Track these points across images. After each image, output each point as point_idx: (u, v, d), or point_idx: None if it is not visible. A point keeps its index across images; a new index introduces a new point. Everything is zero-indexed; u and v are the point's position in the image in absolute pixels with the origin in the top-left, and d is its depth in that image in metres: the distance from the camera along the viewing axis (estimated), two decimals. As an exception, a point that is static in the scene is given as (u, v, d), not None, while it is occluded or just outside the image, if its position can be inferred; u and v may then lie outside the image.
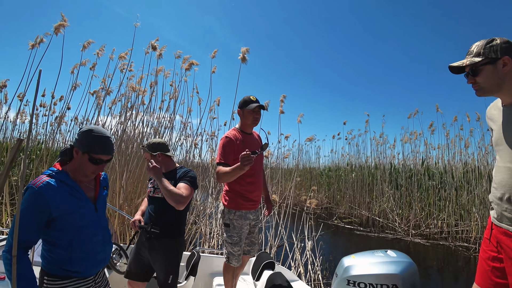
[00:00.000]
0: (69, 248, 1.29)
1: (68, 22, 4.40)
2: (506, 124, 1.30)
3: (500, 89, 1.29)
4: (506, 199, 1.26)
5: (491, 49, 1.26)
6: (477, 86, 1.32)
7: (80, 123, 6.72)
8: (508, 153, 1.26)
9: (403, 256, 1.83)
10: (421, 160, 9.27)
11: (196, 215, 5.54)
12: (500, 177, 1.30)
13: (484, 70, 1.28)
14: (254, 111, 2.31)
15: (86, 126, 1.35)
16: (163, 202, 1.99)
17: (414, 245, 6.37)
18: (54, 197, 1.22)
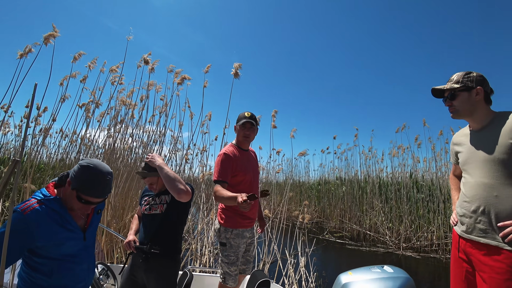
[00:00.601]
0: (50, 275, 1.22)
1: (59, 33, 4.34)
2: (475, 145, 1.50)
3: (471, 114, 1.51)
4: (481, 211, 1.42)
5: (468, 79, 1.50)
6: (453, 109, 1.54)
7: (65, 136, 6.56)
8: (479, 170, 1.45)
9: (400, 272, 1.83)
10: (409, 173, 9.44)
11: (186, 232, 5.41)
12: (473, 192, 1.47)
13: (460, 96, 1.51)
14: (245, 127, 2.28)
15: (87, 160, 1.26)
16: (161, 219, 1.93)
17: (406, 258, 6.37)
18: (41, 227, 1.15)
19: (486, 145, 1.45)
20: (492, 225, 1.39)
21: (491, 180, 1.40)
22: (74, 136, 6.12)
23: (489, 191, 1.40)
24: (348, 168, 11.36)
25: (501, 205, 1.36)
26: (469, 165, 1.52)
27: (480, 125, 1.51)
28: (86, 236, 1.35)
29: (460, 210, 1.57)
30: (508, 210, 1.34)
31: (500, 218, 1.36)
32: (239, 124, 2.28)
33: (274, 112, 5.58)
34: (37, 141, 6.35)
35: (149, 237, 1.93)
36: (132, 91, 5.56)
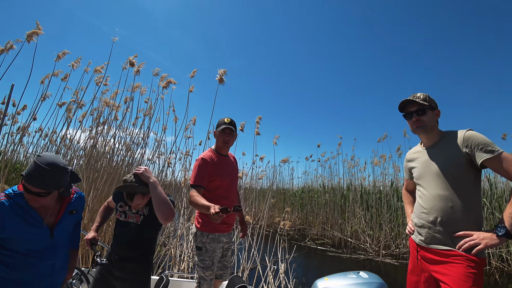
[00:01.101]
0: (12, 267, 1.24)
1: (42, 31, 4.24)
2: (428, 161, 1.64)
3: (431, 131, 1.66)
4: (439, 221, 1.53)
5: (431, 101, 1.67)
6: (421, 123, 1.66)
7: (45, 135, 6.36)
8: (434, 183, 1.58)
9: (375, 277, 1.87)
10: (390, 182, 9.67)
11: (166, 237, 5.31)
12: (431, 204, 1.58)
13: (428, 113, 1.65)
14: (224, 132, 2.29)
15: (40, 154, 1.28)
16: (137, 230, 1.89)
17: (385, 265, 6.49)
18: (6, 219, 1.20)
19: (439, 160, 1.59)
20: (449, 234, 1.51)
21: (446, 192, 1.52)
22: (54, 135, 5.95)
23: (445, 202, 1.52)
24: (331, 176, 11.53)
25: (455, 215, 1.49)
26: (424, 178, 1.65)
27: (432, 142, 1.67)
28: (54, 234, 1.35)
29: (418, 221, 1.68)
30: (461, 219, 1.48)
31: (456, 227, 1.49)
32: (218, 130, 2.29)
33: (258, 118, 5.63)
34: (13, 139, 6.13)
35: (122, 245, 1.90)
36: (116, 92, 5.48)
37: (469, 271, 1.39)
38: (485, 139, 1.46)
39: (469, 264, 1.40)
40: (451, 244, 1.49)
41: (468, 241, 1.41)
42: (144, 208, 1.93)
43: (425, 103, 1.64)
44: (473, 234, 1.42)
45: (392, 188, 9.20)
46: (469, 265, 1.40)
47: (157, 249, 4.75)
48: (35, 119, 5.49)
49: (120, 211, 1.94)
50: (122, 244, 1.91)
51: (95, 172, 4.75)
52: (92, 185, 4.40)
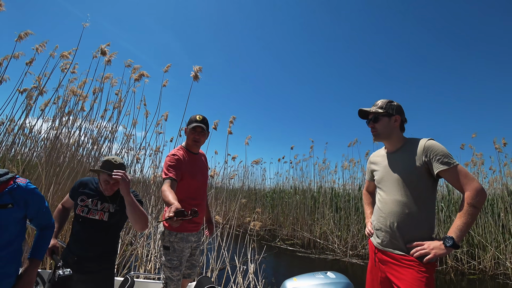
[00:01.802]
0: None
1: (4, 7, 3.88)
2: (389, 166, 1.69)
3: (389, 138, 1.70)
4: (396, 226, 1.58)
5: (390, 107, 1.69)
6: (375, 131, 1.72)
7: (1, 123, 5.86)
8: (393, 188, 1.62)
9: (342, 277, 1.91)
10: (358, 185, 10.02)
11: (133, 235, 5.10)
12: (389, 208, 1.63)
13: (382, 120, 1.69)
14: (195, 131, 2.20)
15: None
16: (100, 227, 1.78)
17: (352, 265, 6.69)
18: None
19: (398, 166, 1.64)
20: (403, 239, 1.58)
21: (404, 198, 1.58)
22: (13, 124, 5.50)
23: (402, 208, 1.58)
24: (303, 178, 11.73)
25: (410, 221, 1.56)
26: (384, 183, 1.70)
27: (394, 148, 1.71)
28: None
29: (376, 224, 1.74)
30: (416, 226, 1.55)
31: (410, 233, 1.56)
32: (189, 127, 2.20)
33: (232, 118, 5.58)
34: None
35: (82, 243, 1.78)
36: (85, 81, 5.16)
37: (421, 275, 1.47)
38: (444, 150, 1.52)
39: (420, 269, 1.48)
40: (405, 249, 1.56)
41: (419, 249, 1.49)
42: (110, 206, 1.83)
43: (379, 111, 1.68)
44: (424, 244, 1.49)
45: (360, 192, 9.54)
46: (420, 269, 1.48)
47: (122, 249, 4.54)
48: (-10, 105, 5.04)
49: (82, 206, 1.81)
50: (81, 242, 1.78)
51: (56, 167, 4.45)
52: (53, 179, 4.12)
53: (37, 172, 4.07)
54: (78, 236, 1.79)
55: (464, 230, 1.41)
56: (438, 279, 5.86)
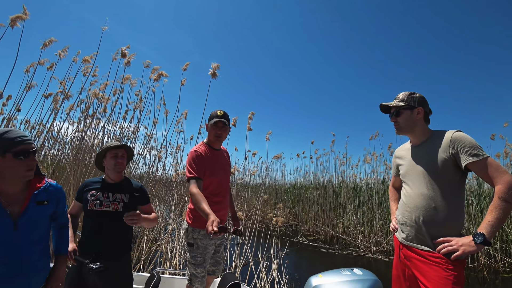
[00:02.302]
0: None
1: (29, 16, 4.03)
2: (415, 159, 1.64)
3: (412, 131, 1.65)
4: (421, 221, 1.53)
5: (412, 99, 1.63)
6: (398, 125, 1.68)
7: (32, 127, 6.16)
8: (419, 182, 1.57)
9: (369, 274, 1.85)
10: (381, 179, 9.75)
11: (157, 232, 5.22)
12: (414, 202, 1.58)
13: (404, 113, 1.64)
14: (217, 126, 2.18)
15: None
16: (115, 218, 1.81)
17: (376, 261, 6.53)
18: None
19: (424, 159, 1.58)
20: (429, 235, 1.51)
21: (430, 192, 1.52)
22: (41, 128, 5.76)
23: (428, 202, 1.52)
24: (323, 173, 11.57)
25: (437, 216, 1.49)
26: (410, 177, 1.65)
27: (419, 141, 1.65)
28: (18, 225, 1.22)
29: (401, 219, 1.68)
30: (443, 221, 1.48)
31: (436, 228, 1.49)
32: (210, 122, 2.18)
33: (251, 114, 5.55)
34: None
35: (98, 237, 1.82)
36: (106, 84, 5.32)
37: (448, 273, 1.40)
38: (472, 142, 1.44)
39: (448, 266, 1.41)
40: (432, 245, 1.49)
41: (447, 246, 1.41)
42: (123, 196, 1.89)
43: (401, 104, 1.64)
44: (452, 240, 1.42)
45: (384, 185, 9.28)
46: (448, 267, 1.41)
47: (148, 245, 4.66)
48: (19, 110, 5.29)
49: (94, 200, 1.84)
50: (98, 236, 1.81)
51: (83, 167, 4.62)
52: (80, 179, 4.27)
53: (65, 173, 4.24)
54: (93, 231, 1.82)
55: (496, 226, 1.33)
56: (470, 277, 5.59)
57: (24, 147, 1.21)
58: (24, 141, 1.22)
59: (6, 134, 1.19)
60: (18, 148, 1.19)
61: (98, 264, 1.64)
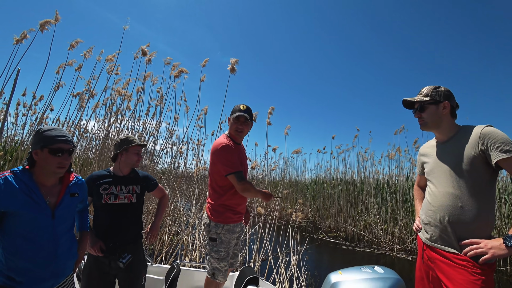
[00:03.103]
0: (16, 254, 1.25)
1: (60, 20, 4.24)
2: (440, 156, 1.56)
3: (438, 127, 1.57)
4: (446, 221, 1.44)
5: (437, 93, 1.55)
6: (422, 121, 1.60)
7: (61, 125, 6.48)
8: (444, 180, 1.49)
9: (391, 273, 1.79)
10: (406, 176, 9.41)
11: (178, 226, 5.35)
12: (439, 202, 1.50)
13: (429, 108, 1.57)
14: (239, 120, 2.16)
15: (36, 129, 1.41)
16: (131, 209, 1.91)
17: (399, 260, 6.35)
18: (7, 191, 1.23)
19: (451, 156, 1.49)
20: (455, 236, 1.42)
21: (457, 191, 1.43)
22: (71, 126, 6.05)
23: (454, 201, 1.43)
24: (345, 169, 11.34)
25: (464, 216, 1.40)
26: (435, 174, 1.57)
27: (445, 137, 1.57)
28: (55, 214, 1.35)
29: (425, 218, 1.60)
30: (471, 221, 1.38)
31: (463, 229, 1.40)
32: (233, 116, 2.16)
33: (270, 109, 5.53)
34: (33, 129, 6.27)
35: (125, 230, 1.89)
36: (128, 81, 5.48)
37: (476, 277, 1.31)
38: (504, 137, 1.32)
39: (475, 270, 1.32)
40: (458, 247, 1.40)
41: (475, 248, 1.31)
42: (135, 187, 1.96)
43: (425, 99, 1.56)
44: (480, 242, 1.32)
45: (408, 182, 8.96)
46: (475, 271, 1.32)
47: (169, 238, 4.79)
48: (52, 109, 5.60)
49: (108, 193, 1.88)
50: (114, 228, 1.87)
51: (108, 162, 4.80)
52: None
53: (91, 168, 4.43)
54: (109, 223, 1.87)
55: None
56: (501, 280, 5.30)
57: (61, 145, 1.33)
58: (63, 140, 1.34)
59: (49, 131, 1.33)
60: (55, 145, 1.31)
61: (127, 257, 1.77)
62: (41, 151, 1.31)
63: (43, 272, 1.30)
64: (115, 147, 2.01)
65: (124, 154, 1.98)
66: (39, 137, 1.32)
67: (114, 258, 1.80)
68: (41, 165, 1.33)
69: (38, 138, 1.32)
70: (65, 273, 1.42)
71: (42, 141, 1.30)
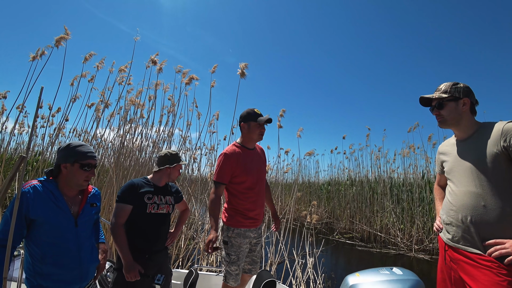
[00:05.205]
0: (42, 260, 1.32)
1: (70, 36, 4.42)
2: (461, 154, 1.52)
3: (458, 124, 1.53)
4: (469, 220, 1.40)
5: (456, 90, 1.51)
6: (441, 118, 1.56)
7: (79, 135, 6.68)
8: (465, 179, 1.45)
9: (410, 274, 1.76)
10: (421, 173, 9.22)
11: (194, 230, 5.42)
12: (461, 201, 1.46)
13: (448, 105, 1.53)
14: (261, 125, 2.19)
15: (65, 143, 1.47)
16: (168, 219, 2.05)
17: (418, 261, 6.22)
18: (36, 199, 1.31)
19: (472, 154, 1.45)
20: (479, 236, 1.38)
21: (479, 189, 1.39)
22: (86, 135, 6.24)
23: (477, 200, 1.40)
24: (358, 169, 11.21)
25: (488, 215, 1.36)
26: (455, 173, 1.53)
27: (465, 134, 1.53)
28: (78, 223, 1.44)
29: (446, 218, 1.56)
30: (495, 221, 1.34)
31: (487, 229, 1.36)
32: (255, 122, 2.17)
33: (282, 111, 5.54)
34: (52, 140, 6.49)
35: (161, 238, 2.00)
36: (141, 91, 5.61)
37: (501, 279, 1.27)
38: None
39: (500, 271, 1.28)
40: (482, 248, 1.36)
41: (500, 249, 1.28)
42: (171, 198, 2.07)
43: (444, 96, 1.52)
44: (505, 242, 1.28)
45: (424, 180, 8.77)
46: (501, 272, 1.28)
47: (186, 243, 4.85)
48: (67, 120, 5.78)
49: (152, 203, 1.93)
50: (152, 238, 1.94)
51: (124, 170, 4.92)
52: (122, 182, 4.56)
53: (108, 176, 4.54)
54: (148, 233, 1.92)
55: None
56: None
57: (91, 161, 1.45)
58: (92, 156, 1.46)
59: (80, 147, 1.44)
60: (86, 161, 1.43)
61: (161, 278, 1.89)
62: (71, 165, 1.40)
63: (69, 276, 1.38)
64: (163, 159, 2.05)
65: (171, 168, 2.07)
66: (71, 152, 1.41)
67: (149, 280, 1.86)
68: (68, 177, 1.42)
69: (70, 153, 1.41)
70: (88, 277, 1.49)
71: (75, 156, 1.40)
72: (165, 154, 2.07)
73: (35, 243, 1.33)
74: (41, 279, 1.32)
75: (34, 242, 1.33)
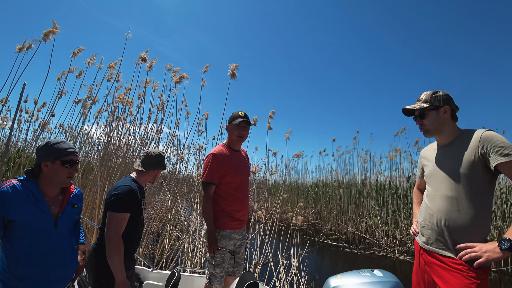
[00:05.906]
0: (19, 262, 1.28)
1: (59, 30, 4.31)
2: (440, 160, 1.57)
3: (441, 132, 1.57)
4: (443, 224, 1.46)
5: (436, 99, 1.55)
6: (424, 128, 1.60)
7: (64, 131, 6.54)
8: (443, 184, 1.50)
9: (390, 276, 1.80)
10: (407, 177, 9.40)
11: (179, 231, 5.38)
12: (437, 205, 1.52)
13: (429, 115, 1.57)
14: (240, 126, 2.23)
15: (43, 142, 1.44)
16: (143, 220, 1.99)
17: (400, 262, 6.35)
18: (15, 199, 1.27)
19: (451, 160, 1.51)
20: (452, 239, 1.44)
21: (454, 194, 1.45)
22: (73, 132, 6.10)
23: (452, 204, 1.45)
24: (346, 171, 11.35)
25: (461, 220, 1.42)
26: (434, 178, 1.58)
27: (447, 141, 1.57)
28: (57, 224, 1.40)
29: (422, 221, 1.62)
30: (467, 225, 1.40)
31: (460, 233, 1.42)
32: (233, 123, 2.24)
33: (271, 113, 5.56)
34: (36, 136, 6.31)
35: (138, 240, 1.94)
36: (129, 88, 5.53)
37: (470, 281, 1.33)
38: (504, 141, 1.34)
39: (470, 274, 1.34)
40: (453, 251, 1.42)
41: (469, 252, 1.34)
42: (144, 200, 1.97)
43: (425, 105, 1.57)
44: (475, 246, 1.34)
45: (409, 183, 8.96)
46: (470, 275, 1.34)
47: (170, 243, 4.81)
48: (53, 115, 5.64)
49: (143, 208, 1.86)
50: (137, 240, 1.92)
51: (109, 168, 4.84)
52: (107, 181, 4.48)
53: (93, 174, 4.46)
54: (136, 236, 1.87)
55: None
56: (503, 280, 5.30)
57: (72, 157, 1.42)
58: (73, 152, 1.42)
59: (60, 144, 1.40)
60: (67, 157, 1.39)
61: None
62: (52, 163, 1.36)
63: (47, 278, 1.35)
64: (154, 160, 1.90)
65: (157, 172, 1.97)
66: (50, 150, 1.37)
67: None
68: (49, 176, 1.38)
69: (50, 151, 1.37)
70: (66, 279, 1.47)
71: (55, 153, 1.37)
72: (157, 155, 1.91)
73: (12, 244, 1.28)
74: (17, 282, 1.28)
75: (11, 243, 1.29)
